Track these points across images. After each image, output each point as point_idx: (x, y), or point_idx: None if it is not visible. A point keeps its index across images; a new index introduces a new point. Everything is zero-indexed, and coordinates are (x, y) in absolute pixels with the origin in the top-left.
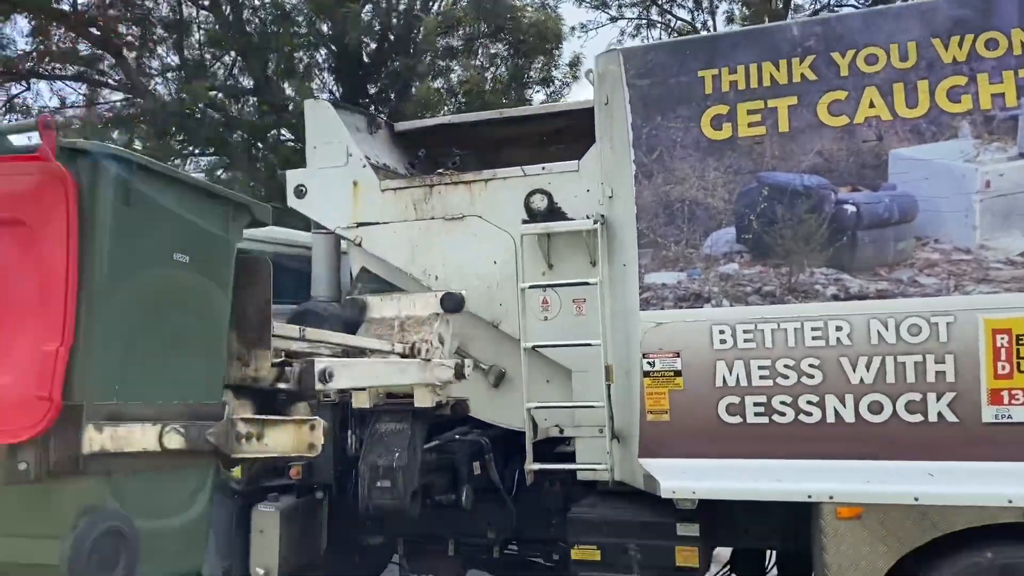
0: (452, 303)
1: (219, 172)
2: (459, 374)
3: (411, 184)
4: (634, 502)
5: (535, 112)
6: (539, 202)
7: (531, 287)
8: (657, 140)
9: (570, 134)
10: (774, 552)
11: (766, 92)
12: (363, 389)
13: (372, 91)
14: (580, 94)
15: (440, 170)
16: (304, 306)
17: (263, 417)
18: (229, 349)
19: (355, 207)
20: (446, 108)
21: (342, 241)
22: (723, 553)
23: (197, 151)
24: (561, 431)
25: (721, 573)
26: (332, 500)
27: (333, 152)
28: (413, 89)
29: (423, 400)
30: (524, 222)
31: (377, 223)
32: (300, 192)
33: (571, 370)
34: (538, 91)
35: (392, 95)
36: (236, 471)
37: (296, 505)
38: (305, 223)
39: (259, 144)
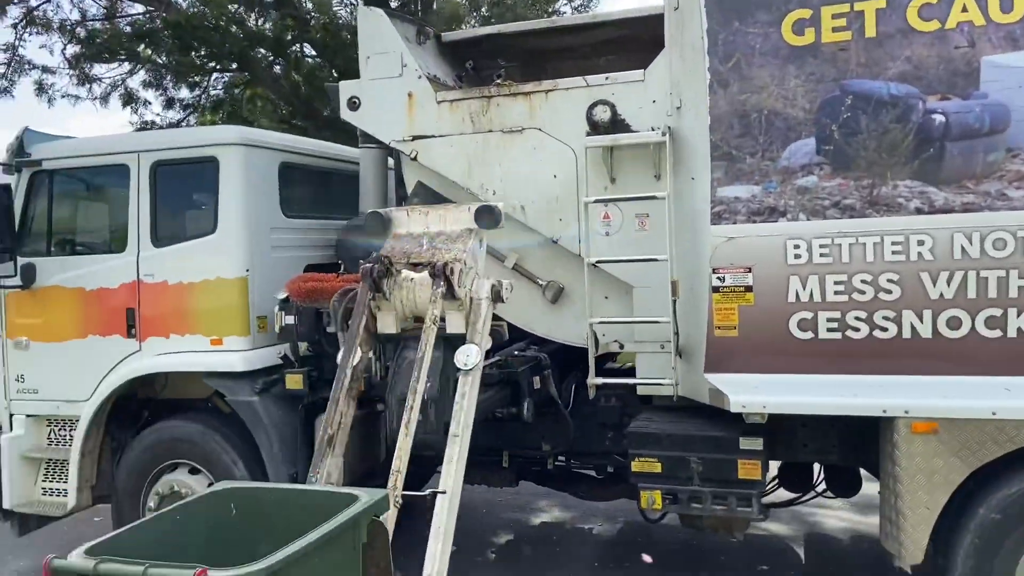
0: (488, 218)
1: (239, 89)
2: (496, 297)
3: (468, 96)
4: (692, 417)
5: (585, 21)
6: (602, 114)
7: (596, 201)
8: (734, 47)
9: (620, 44)
10: (821, 468)
11: None
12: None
13: (395, 5)
14: (613, 4)
15: (496, 81)
16: (352, 222)
17: None
18: None
19: (410, 120)
20: (472, 21)
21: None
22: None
23: (219, 67)
24: (621, 347)
25: (770, 486)
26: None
27: (387, 62)
28: (434, 4)
29: (456, 325)
30: (588, 134)
31: (433, 136)
32: (353, 104)
33: (632, 286)
34: (566, 3)
35: (417, 7)
36: (298, 381)
37: (358, 416)
38: (351, 138)
39: (281, 60)
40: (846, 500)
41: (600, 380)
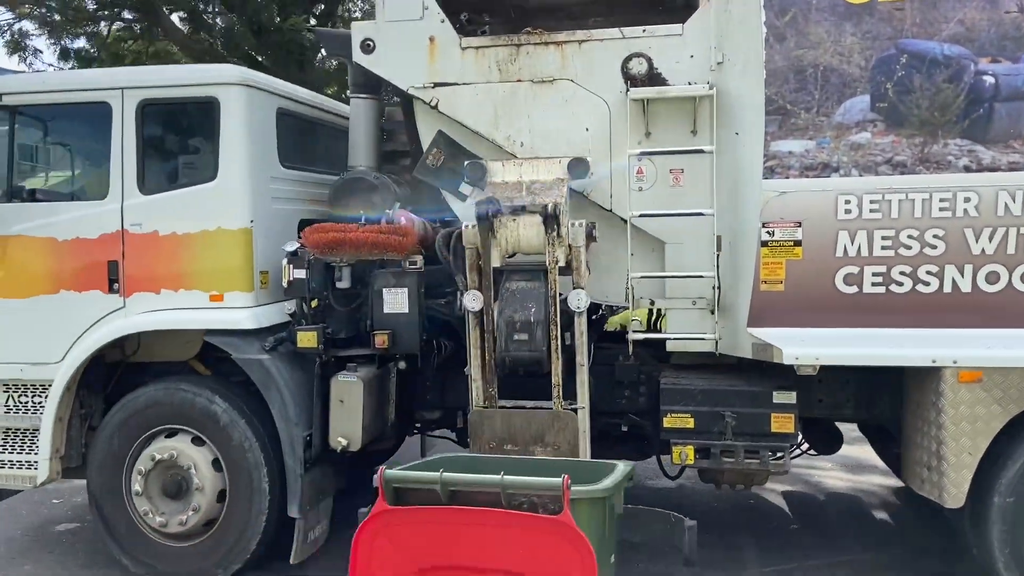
0: (580, 168)
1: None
2: (590, 236)
3: (496, 43)
4: (719, 373)
5: None
6: (638, 67)
7: (640, 154)
8: (790, 2)
9: (608, 5)
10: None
11: None
12: None
13: None
14: None
15: (529, 28)
16: (349, 176)
17: None
18: None
19: (431, 65)
20: None
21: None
22: None
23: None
24: (652, 303)
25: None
26: (411, 369)
27: (406, 3)
28: None
29: (550, 259)
30: (631, 86)
31: (456, 84)
32: (367, 47)
33: (664, 242)
34: None
35: None
36: (312, 338)
37: (376, 375)
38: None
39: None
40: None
41: (641, 335)
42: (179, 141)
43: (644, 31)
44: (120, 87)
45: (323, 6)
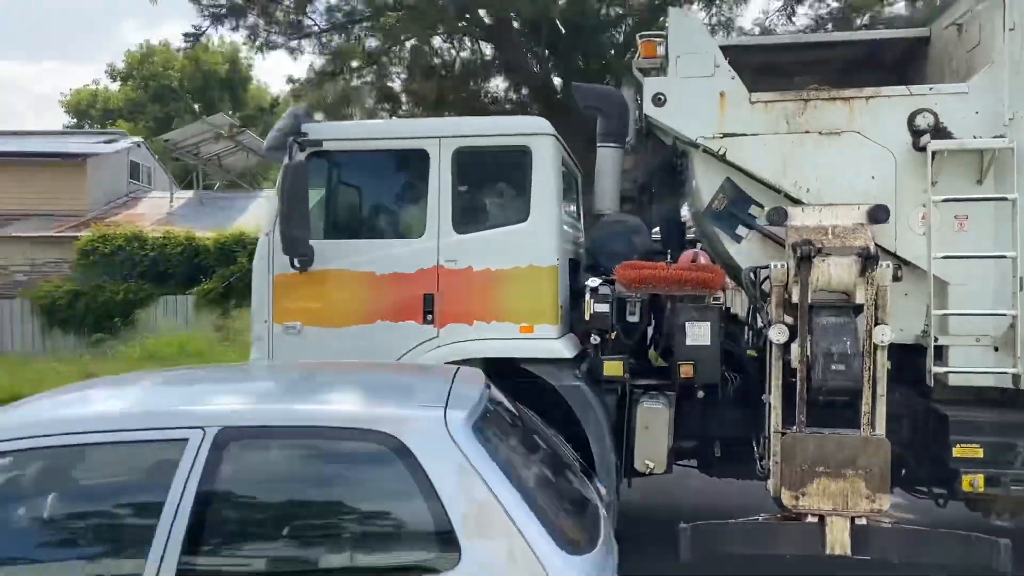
0: (881, 214)
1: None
2: (896, 276)
3: (784, 98)
4: (989, 406)
5: (839, 39)
6: (924, 121)
7: (944, 200)
8: None
9: (852, 64)
10: None
11: None
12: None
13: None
14: None
15: (811, 86)
16: (610, 219)
17: None
18: None
19: (721, 117)
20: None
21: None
22: None
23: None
24: (936, 340)
25: None
26: (709, 400)
27: (699, 62)
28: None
29: (861, 297)
30: (929, 139)
31: (744, 135)
32: (658, 100)
33: (947, 283)
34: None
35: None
36: (618, 367)
37: (675, 403)
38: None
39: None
40: None
41: (944, 369)
42: (490, 185)
43: (931, 88)
44: (438, 136)
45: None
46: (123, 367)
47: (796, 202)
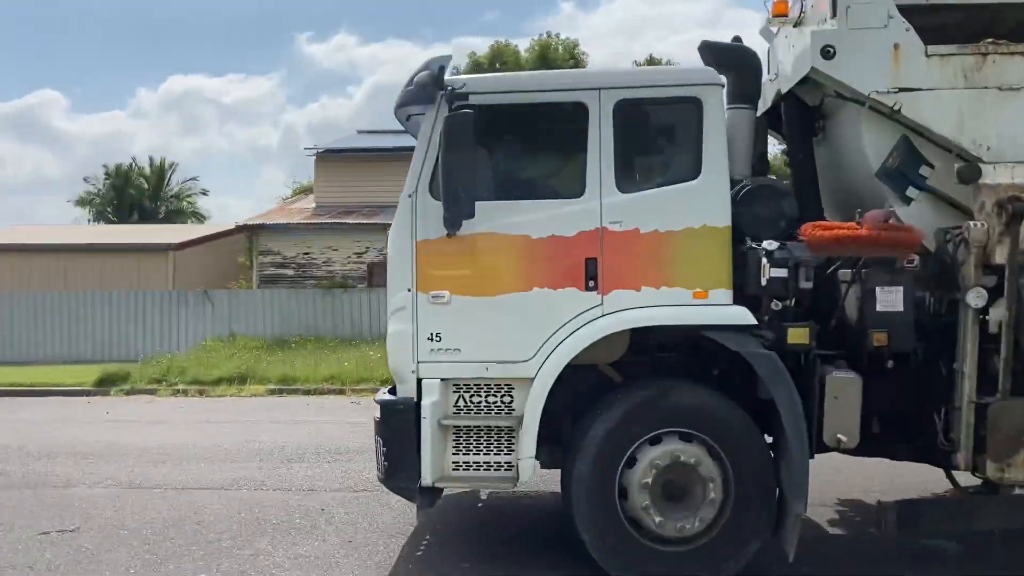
0: None
1: None
2: None
3: (962, 51)
4: None
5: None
6: None
7: None
8: None
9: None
10: None
11: None
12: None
13: None
14: None
15: (991, 39)
16: (758, 183)
17: None
18: None
19: (896, 71)
20: None
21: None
22: None
23: None
24: None
25: None
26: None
27: (871, 13)
28: None
29: None
30: None
31: (920, 89)
32: (827, 53)
33: None
34: None
35: None
36: (804, 334)
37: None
38: None
39: None
40: None
41: None
42: (655, 140)
43: None
44: (598, 87)
45: None
46: None
47: (970, 160)
